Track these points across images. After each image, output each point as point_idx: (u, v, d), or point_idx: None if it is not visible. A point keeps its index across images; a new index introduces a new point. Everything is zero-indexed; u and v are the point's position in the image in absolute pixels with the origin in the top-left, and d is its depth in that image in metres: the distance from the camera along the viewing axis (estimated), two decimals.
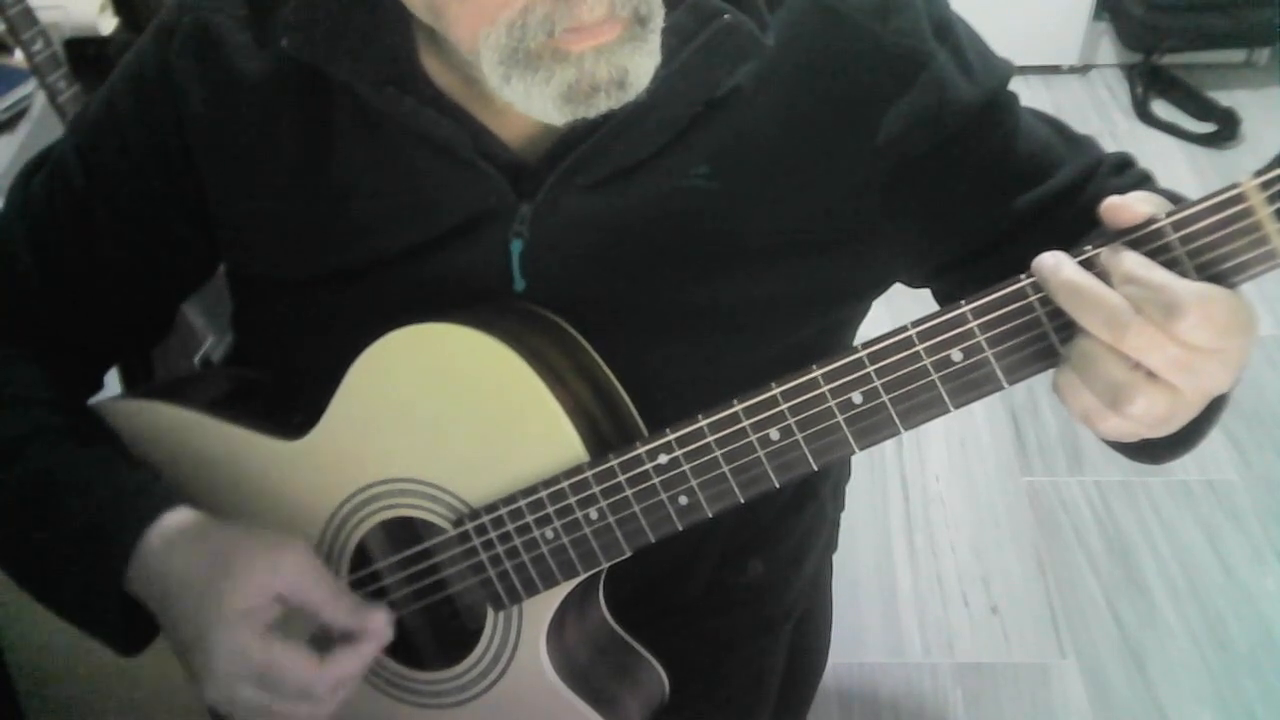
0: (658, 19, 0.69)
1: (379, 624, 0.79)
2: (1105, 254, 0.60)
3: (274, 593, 0.77)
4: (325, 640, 0.78)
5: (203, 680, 0.77)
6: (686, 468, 0.73)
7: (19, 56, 1.64)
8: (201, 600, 0.77)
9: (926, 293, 0.89)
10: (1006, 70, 0.82)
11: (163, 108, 0.84)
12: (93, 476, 0.84)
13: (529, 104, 0.69)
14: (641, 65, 0.69)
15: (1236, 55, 3.06)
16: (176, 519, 0.81)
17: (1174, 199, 0.66)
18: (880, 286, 0.89)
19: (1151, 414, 0.60)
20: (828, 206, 0.80)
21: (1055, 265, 0.61)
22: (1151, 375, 0.59)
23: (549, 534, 0.77)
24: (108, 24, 1.80)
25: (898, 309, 0.86)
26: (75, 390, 0.94)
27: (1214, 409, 0.67)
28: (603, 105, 0.69)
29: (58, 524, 0.83)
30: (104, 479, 0.84)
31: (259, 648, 0.75)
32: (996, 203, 0.80)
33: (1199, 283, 0.57)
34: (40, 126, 1.69)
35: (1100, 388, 0.60)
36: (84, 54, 1.76)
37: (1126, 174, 0.82)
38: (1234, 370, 0.60)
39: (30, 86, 1.70)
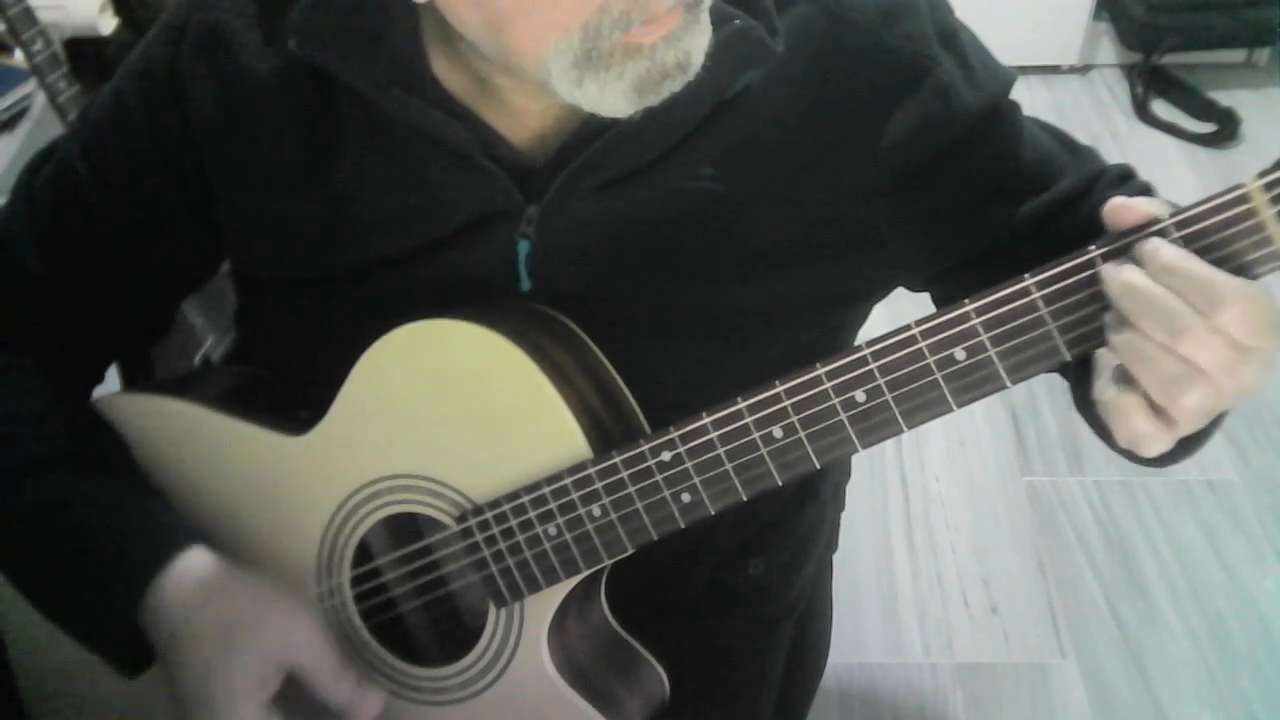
0: None
1: (374, 707, 0.80)
2: (1138, 250, 0.60)
3: (282, 664, 0.77)
4: (317, 709, 0.80)
5: None
6: (690, 465, 0.73)
7: (19, 56, 1.65)
8: (211, 665, 0.77)
9: (927, 296, 0.89)
10: (1009, 78, 0.82)
11: (170, 106, 0.84)
12: (104, 507, 0.84)
13: (600, 103, 0.70)
14: (699, 44, 0.70)
15: (1236, 55, 3.06)
16: (189, 564, 0.81)
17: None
18: (883, 290, 0.89)
19: (1203, 408, 0.60)
20: (831, 211, 0.80)
21: (1115, 266, 0.61)
22: (1202, 370, 0.59)
23: (552, 530, 0.77)
24: (108, 24, 1.80)
25: (898, 311, 0.86)
26: (75, 387, 0.94)
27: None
28: (667, 90, 0.70)
29: (70, 551, 0.83)
30: (116, 510, 0.84)
31: None
32: (998, 209, 0.80)
33: (1239, 278, 0.58)
34: (40, 126, 1.69)
35: (1154, 383, 0.60)
36: (84, 54, 1.76)
37: (1128, 185, 0.83)
38: (1267, 370, 0.60)
39: (30, 86, 1.71)
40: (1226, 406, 0.62)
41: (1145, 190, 0.83)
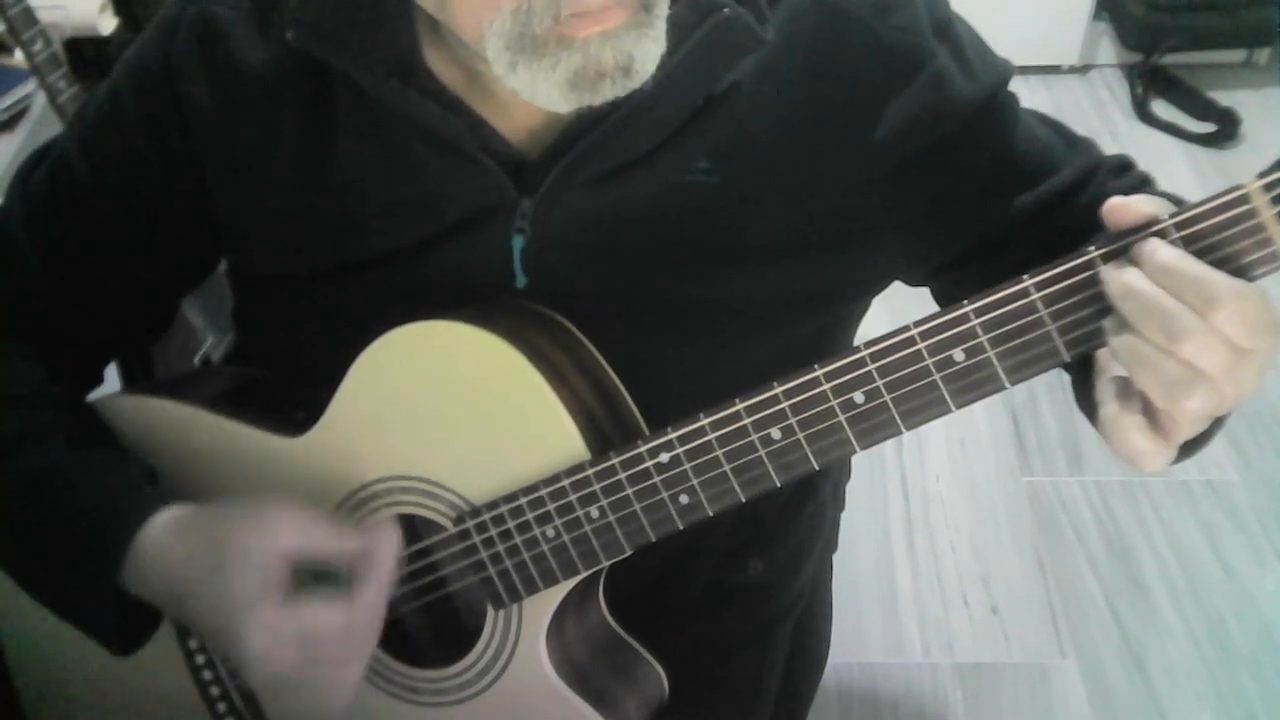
0: (663, 5, 0.69)
1: (387, 538, 0.77)
2: (1136, 250, 0.60)
3: (276, 556, 0.75)
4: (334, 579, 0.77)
5: (244, 668, 0.75)
6: (688, 466, 0.73)
7: (19, 56, 1.65)
8: (211, 594, 0.76)
9: (927, 291, 0.89)
10: (1006, 70, 0.82)
11: (166, 101, 0.84)
12: (85, 477, 0.84)
13: (535, 92, 0.69)
14: (647, 51, 0.69)
15: (1236, 55, 3.06)
16: (168, 516, 0.80)
17: (1175, 201, 0.66)
18: (879, 284, 0.89)
19: (1204, 412, 0.60)
20: (826, 203, 0.80)
21: (1115, 268, 0.60)
22: (1203, 374, 0.59)
23: (550, 532, 0.77)
24: (108, 24, 1.81)
25: (898, 309, 0.86)
26: (74, 386, 0.94)
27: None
28: (609, 93, 0.69)
29: (51, 525, 0.82)
30: (97, 479, 0.84)
31: (285, 615, 0.74)
32: (995, 202, 0.80)
33: (1234, 278, 0.58)
34: (40, 126, 1.69)
35: (1156, 387, 0.59)
36: (84, 54, 1.76)
37: (1126, 176, 0.83)
38: (1262, 373, 0.60)
39: (30, 86, 1.70)
40: (1226, 410, 0.62)
41: (1144, 181, 0.83)
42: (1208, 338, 0.57)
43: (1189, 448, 0.69)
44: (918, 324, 0.66)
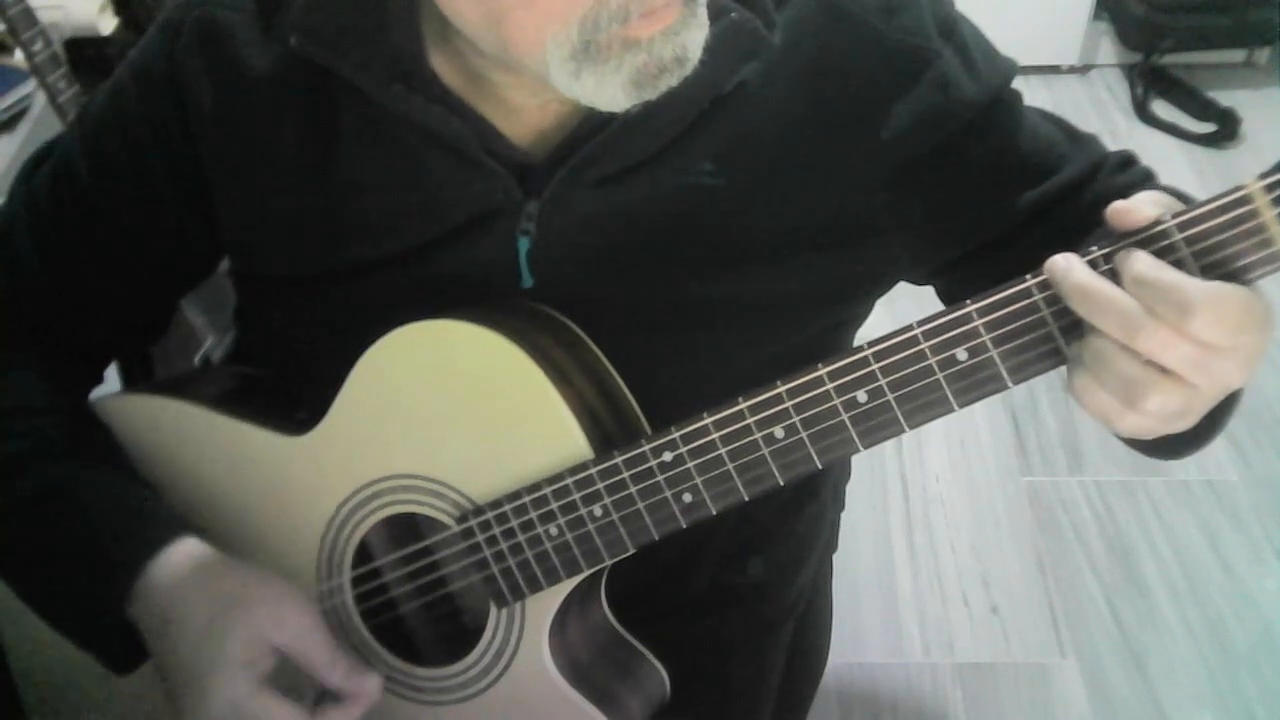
0: None
1: (371, 689, 0.79)
2: (1118, 256, 0.60)
3: (274, 645, 0.77)
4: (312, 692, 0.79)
5: (192, 717, 0.77)
6: (691, 465, 0.73)
7: (19, 56, 1.64)
8: (201, 643, 0.77)
9: (928, 295, 0.89)
10: (1010, 68, 0.82)
11: (169, 104, 0.84)
12: (96, 497, 0.84)
13: (598, 96, 0.70)
14: (695, 39, 0.70)
15: (1236, 55, 3.06)
16: (183, 551, 0.81)
17: (1179, 197, 0.66)
18: (884, 284, 0.89)
19: (1167, 409, 0.60)
20: (832, 204, 0.80)
21: (1066, 268, 0.61)
22: (1165, 371, 0.59)
23: (553, 531, 0.77)
24: (108, 24, 1.80)
25: (899, 311, 0.86)
26: (75, 387, 0.94)
27: (1229, 401, 0.67)
28: (665, 85, 0.70)
29: (60, 545, 0.83)
30: (108, 501, 0.84)
31: (254, 701, 0.75)
32: (1000, 200, 0.80)
33: (1211, 282, 0.58)
34: (40, 126, 1.68)
35: (1115, 385, 0.60)
36: (84, 54, 1.76)
37: (1129, 172, 0.83)
38: (1249, 365, 0.60)
39: (30, 86, 1.70)
40: (1204, 404, 0.62)
41: (1147, 176, 0.83)
42: (1167, 334, 0.57)
43: (1189, 444, 0.69)
44: (921, 323, 0.66)
